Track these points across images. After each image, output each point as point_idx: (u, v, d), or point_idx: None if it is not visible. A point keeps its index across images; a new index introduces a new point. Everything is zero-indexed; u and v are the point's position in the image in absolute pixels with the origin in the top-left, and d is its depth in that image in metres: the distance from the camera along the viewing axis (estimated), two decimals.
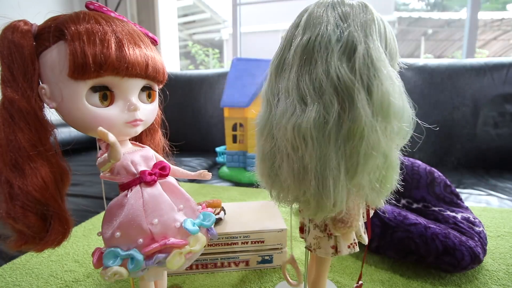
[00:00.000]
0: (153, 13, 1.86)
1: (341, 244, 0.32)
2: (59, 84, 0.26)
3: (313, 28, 0.26)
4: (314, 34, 0.25)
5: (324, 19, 0.25)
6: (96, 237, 0.58)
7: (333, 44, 0.25)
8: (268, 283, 0.44)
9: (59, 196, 0.28)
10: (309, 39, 0.25)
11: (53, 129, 0.28)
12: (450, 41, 4.28)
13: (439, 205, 0.53)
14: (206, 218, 0.33)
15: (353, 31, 0.25)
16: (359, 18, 0.25)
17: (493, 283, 0.43)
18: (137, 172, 0.29)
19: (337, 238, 0.32)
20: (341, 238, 0.32)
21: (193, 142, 1.38)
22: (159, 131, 0.38)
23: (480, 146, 1.04)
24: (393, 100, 0.24)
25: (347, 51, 0.25)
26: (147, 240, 0.28)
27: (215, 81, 1.40)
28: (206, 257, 0.46)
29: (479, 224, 0.48)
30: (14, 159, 0.25)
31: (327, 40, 0.25)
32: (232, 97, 0.98)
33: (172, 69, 1.93)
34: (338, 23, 0.25)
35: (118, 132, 0.28)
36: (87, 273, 0.47)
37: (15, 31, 0.25)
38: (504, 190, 0.83)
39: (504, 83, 1.02)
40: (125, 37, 0.27)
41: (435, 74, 1.09)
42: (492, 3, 3.67)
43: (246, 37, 2.02)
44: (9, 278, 0.46)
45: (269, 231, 0.46)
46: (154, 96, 0.32)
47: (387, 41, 0.27)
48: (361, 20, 0.25)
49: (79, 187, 0.84)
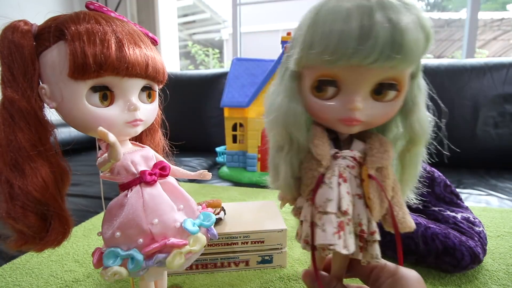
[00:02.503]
0: (153, 13, 1.86)
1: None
2: (59, 84, 0.26)
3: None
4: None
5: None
6: (96, 237, 0.58)
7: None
8: (268, 283, 0.44)
9: (59, 196, 0.28)
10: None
11: (53, 129, 0.28)
12: (450, 41, 4.28)
13: (439, 205, 0.53)
14: (206, 218, 0.33)
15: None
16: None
17: (493, 283, 0.43)
18: (137, 172, 0.29)
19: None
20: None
21: (193, 142, 1.38)
22: (159, 131, 0.38)
23: (480, 146, 1.04)
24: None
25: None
26: (147, 240, 0.28)
27: (215, 81, 1.40)
28: (206, 257, 0.46)
29: (479, 224, 0.48)
30: (14, 159, 0.25)
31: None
32: (232, 97, 0.98)
33: (172, 69, 1.93)
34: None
35: (118, 132, 0.28)
36: (87, 273, 0.47)
37: (15, 31, 0.25)
38: (504, 190, 0.83)
39: (504, 83, 1.02)
40: (125, 37, 0.27)
41: (435, 74, 1.09)
42: (492, 3, 3.67)
43: (246, 37, 2.02)
44: (9, 278, 0.45)
45: (269, 231, 0.46)
46: (154, 96, 0.32)
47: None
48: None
49: (79, 187, 0.84)
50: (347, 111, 0.24)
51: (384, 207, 0.25)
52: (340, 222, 0.24)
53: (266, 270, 0.47)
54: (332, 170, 0.26)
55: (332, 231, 0.24)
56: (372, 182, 0.25)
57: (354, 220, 0.25)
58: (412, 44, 0.21)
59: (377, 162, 0.25)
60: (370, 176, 0.25)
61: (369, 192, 0.25)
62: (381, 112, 0.25)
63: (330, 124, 0.26)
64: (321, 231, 0.24)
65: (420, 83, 0.26)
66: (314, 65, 0.24)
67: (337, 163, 0.26)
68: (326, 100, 0.25)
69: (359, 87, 0.23)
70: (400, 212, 0.25)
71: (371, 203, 0.25)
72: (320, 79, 0.24)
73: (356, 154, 0.26)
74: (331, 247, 0.24)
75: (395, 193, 0.26)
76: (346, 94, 0.24)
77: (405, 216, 0.25)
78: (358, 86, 0.23)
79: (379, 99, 0.24)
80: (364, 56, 0.21)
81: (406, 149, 0.27)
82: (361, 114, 0.24)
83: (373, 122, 0.25)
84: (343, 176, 0.25)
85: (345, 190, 0.25)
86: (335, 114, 0.25)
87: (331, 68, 0.23)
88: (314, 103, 0.25)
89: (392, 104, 0.24)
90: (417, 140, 0.26)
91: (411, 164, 0.27)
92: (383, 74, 0.23)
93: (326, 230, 0.24)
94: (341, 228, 0.24)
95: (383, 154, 0.25)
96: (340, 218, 0.24)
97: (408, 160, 0.27)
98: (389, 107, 0.24)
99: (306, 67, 0.25)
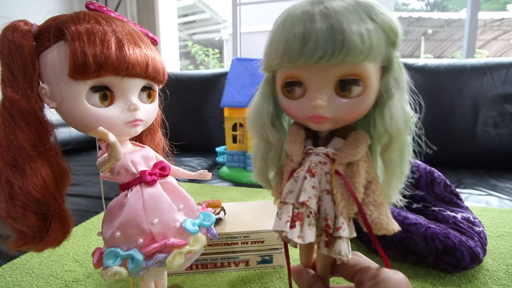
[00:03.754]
0: (153, 13, 1.86)
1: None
2: (59, 84, 0.26)
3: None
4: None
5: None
6: (96, 237, 0.58)
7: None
8: (268, 283, 0.44)
9: (59, 196, 0.28)
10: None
11: (53, 129, 0.28)
12: (450, 41, 4.28)
13: (439, 205, 0.53)
14: (206, 218, 0.33)
15: None
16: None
17: (493, 283, 0.43)
18: (137, 172, 0.29)
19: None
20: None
21: (193, 142, 1.38)
22: (159, 131, 0.38)
23: (480, 146, 1.04)
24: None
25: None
26: (147, 240, 0.28)
27: (215, 81, 1.40)
28: (206, 257, 0.46)
29: (479, 224, 0.48)
30: (14, 159, 0.25)
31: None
32: (232, 97, 0.98)
33: (172, 69, 1.93)
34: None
35: (118, 132, 0.28)
36: (87, 273, 0.47)
37: (15, 31, 0.25)
38: (504, 190, 0.83)
39: (504, 83, 1.02)
40: (125, 37, 0.27)
41: (435, 74, 1.09)
42: (492, 3, 3.67)
43: (246, 37, 2.02)
44: (9, 278, 0.46)
45: (269, 231, 0.46)
46: (154, 96, 0.32)
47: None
48: None
49: (79, 187, 0.84)
50: (312, 108, 0.25)
51: (352, 204, 0.26)
52: (297, 213, 0.25)
53: (266, 270, 0.47)
54: (303, 166, 0.27)
55: (285, 219, 0.25)
56: (337, 177, 0.26)
57: (321, 215, 0.26)
58: (356, 39, 0.22)
59: (344, 158, 0.26)
60: (337, 172, 0.26)
61: (333, 187, 0.26)
62: (348, 108, 0.25)
63: (302, 122, 0.28)
64: (278, 219, 0.26)
65: (397, 77, 0.25)
66: (278, 69, 0.26)
67: (310, 159, 0.27)
68: (296, 100, 0.26)
69: (321, 85, 0.25)
70: (375, 212, 0.25)
71: (335, 198, 0.26)
72: (287, 80, 0.26)
73: (330, 151, 0.27)
74: (282, 234, 0.25)
75: (371, 192, 0.26)
76: (311, 93, 0.25)
77: (380, 217, 0.25)
78: (319, 84, 0.25)
79: (345, 95, 0.25)
80: (308, 56, 0.22)
81: (385, 146, 0.27)
82: (326, 110, 0.25)
83: (342, 119, 0.26)
84: (312, 171, 0.26)
85: (310, 184, 0.26)
86: (304, 112, 0.26)
87: (292, 70, 0.25)
88: (286, 103, 0.27)
89: (360, 99, 0.25)
90: (391, 136, 0.25)
91: (391, 162, 0.27)
92: (340, 71, 0.24)
93: (281, 218, 0.26)
94: (298, 218, 0.25)
95: (352, 150, 0.26)
96: (299, 210, 0.25)
97: (388, 158, 0.27)
98: (356, 103, 0.25)
99: (275, 71, 0.27)
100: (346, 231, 0.25)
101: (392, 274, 0.24)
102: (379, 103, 0.26)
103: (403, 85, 0.26)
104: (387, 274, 0.24)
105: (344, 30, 0.22)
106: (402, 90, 0.26)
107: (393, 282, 0.23)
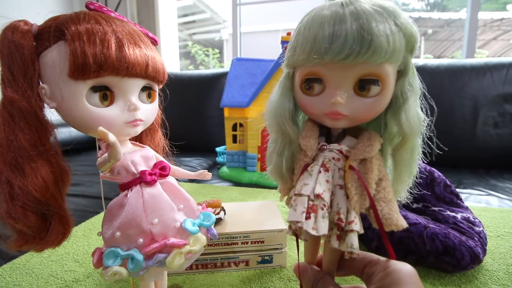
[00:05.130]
0: (153, 13, 1.86)
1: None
2: (59, 84, 0.26)
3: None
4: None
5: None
6: (96, 237, 0.58)
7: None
8: (268, 283, 0.44)
9: (60, 196, 0.28)
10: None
11: (53, 129, 0.28)
12: (450, 41, 4.28)
13: (439, 205, 0.53)
14: (206, 218, 0.33)
15: None
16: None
17: (493, 283, 0.43)
18: (137, 172, 0.29)
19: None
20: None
21: (193, 142, 1.38)
22: (159, 131, 0.38)
23: (480, 146, 1.04)
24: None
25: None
26: (147, 240, 0.28)
27: (215, 81, 1.40)
28: (206, 257, 0.46)
29: (479, 224, 0.48)
30: (14, 159, 0.25)
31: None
32: (232, 97, 0.98)
33: (172, 69, 1.93)
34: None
35: (118, 132, 0.28)
36: (87, 273, 0.47)
37: (15, 31, 0.25)
38: (504, 190, 0.83)
39: (504, 83, 1.02)
40: (125, 37, 0.27)
41: (435, 74, 1.09)
42: (492, 3, 3.67)
43: (246, 37, 2.02)
44: (9, 278, 0.46)
45: (269, 231, 0.46)
46: (154, 96, 0.32)
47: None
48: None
49: (79, 187, 0.84)
50: (330, 105, 0.26)
51: (365, 199, 0.26)
52: (312, 205, 0.26)
53: (266, 270, 0.47)
54: (317, 161, 0.28)
55: (301, 210, 0.25)
56: (352, 172, 0.26)
57: (333, 209, 0.26)
58: (382, 40, 0.23)
59: (359, 154, 0.26)
60: (351, 167, 0.26)
61: (347, 181, 0.26)
62: (365, 107, 0.26)
63: (319, 119, 0.29)
64: (292, 210, 0.26)
65: (412, 82, 0.27)
66: (301, 65, 0.27)
67: (323, 154, 0.28)
68: (314, 96, 0.27)
69: (341, 83, 0.25)
70: (385, 208, 0.26)
71: (349, 192, 0.26)
72: (307, 77, 0.27)
73: (343, 148, 0.28)
74: (298, 224, 0.25)
75: (382, 189, 0.27)
76: (330, 90, 0.26)
77: (391, 213, 0.25)
78: (340, 82, 0.25)
79: (363, 94, 0.26)
80: (336, 53, 0.23)
81: (398, 146, 0.28)
82: (345, 108, 0.26)
83: (358, 117, 0.27)
84: (326, 166, 0.27)
85: (324, 178, 0.27)
86: (321, 108, 0.27)
87: (314, 67, 0.26)
88: (304, 100, 0.28)
89: (377, 99, 0.26)
90: (406, 137, 0.27)
91: (402, 161, 0.28)
92: (361, 70, 0.25)
93: (296, 209, 0.26)
94: (313, 210, 0.25)
95: (367, 147, 0.26)
96: (314, 202, 0.26)
97: (399, 157, 0.28)
98: (373, 103, 0.26)
99: (296, 68, 0.28)
100: (358, 225, 0.26)
101: (402, 265, 0.25)
102: (393, 106, 0.27)
103: (417, 89, 0.27)
104: (397, 265, 0.25)
105: (372, 30, 0.23)
106: (416, 94, 0.27)
107: (404, 272, 0.24)
